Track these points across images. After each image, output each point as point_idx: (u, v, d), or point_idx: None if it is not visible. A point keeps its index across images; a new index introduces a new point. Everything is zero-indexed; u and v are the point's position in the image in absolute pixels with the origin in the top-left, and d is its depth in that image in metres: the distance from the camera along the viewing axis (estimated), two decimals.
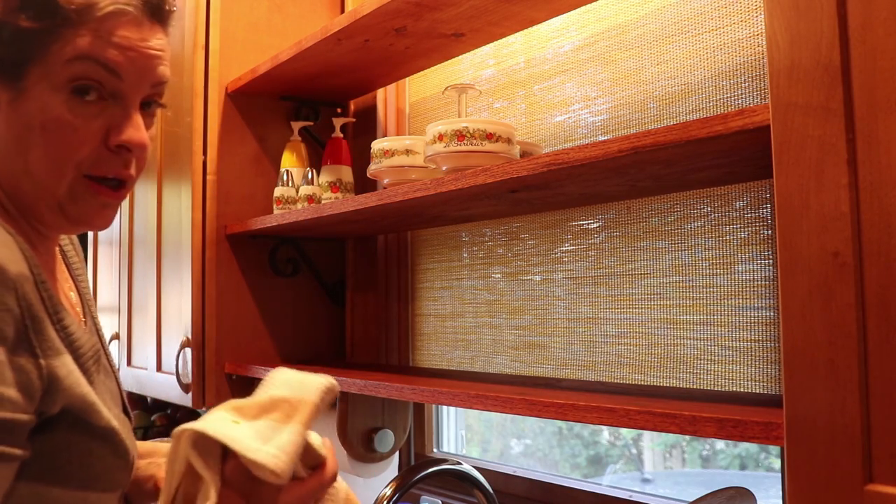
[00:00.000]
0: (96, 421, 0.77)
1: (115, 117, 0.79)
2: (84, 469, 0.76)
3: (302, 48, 1.56)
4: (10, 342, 0.68)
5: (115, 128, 0.79)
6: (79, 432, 0.75)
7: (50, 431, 0.73)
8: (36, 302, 0.71)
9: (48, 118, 0.76)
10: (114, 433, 0.79)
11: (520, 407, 1.06)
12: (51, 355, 0.72)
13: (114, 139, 0.79)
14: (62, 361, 0.73)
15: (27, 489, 0.72)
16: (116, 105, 0.79)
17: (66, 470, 0.75)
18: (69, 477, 0.75)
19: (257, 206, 1.82)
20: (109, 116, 0.79)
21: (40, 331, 0.71)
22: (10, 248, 0.71)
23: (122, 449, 0.81)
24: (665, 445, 2.10)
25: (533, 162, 1.04)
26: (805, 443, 0.69)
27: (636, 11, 1.33)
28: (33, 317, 0.70)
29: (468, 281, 1.65)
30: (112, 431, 0.79)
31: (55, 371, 0.72)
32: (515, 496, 1.58)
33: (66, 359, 0.74)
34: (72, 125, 0.76)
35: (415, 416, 1.83)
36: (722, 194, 1.19)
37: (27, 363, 0.69)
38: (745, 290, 1.16)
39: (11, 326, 0.68)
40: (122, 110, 0.79)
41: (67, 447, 0.75)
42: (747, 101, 1.16)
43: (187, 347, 1.78)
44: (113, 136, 0.79)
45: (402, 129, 1.86)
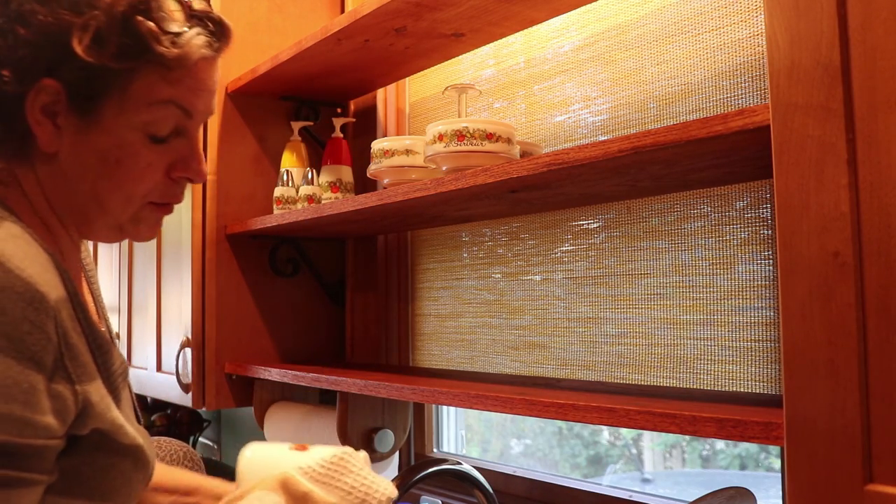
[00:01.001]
0: (122, 439, 0.78)
1: (180, 151, 0.84)
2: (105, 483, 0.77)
3: (302, 48, 1.56)
4: (49, 370, 0.69)
5: (182, 161, 0.84)
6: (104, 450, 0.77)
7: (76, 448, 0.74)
8: (73, 328, 0.72)
9: (125, 154, 0.80)
10: (138, 450, 0.81)
11: (520, 407, 1.06)
12: (85, 381, 0.73)
13: (181, 172, 0.84)
14: (95, 387, 0.74)
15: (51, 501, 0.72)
16: (182, 139, 0.84)
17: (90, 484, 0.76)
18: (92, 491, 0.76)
19: (257, 206, 1.82)
20: (176, 151, 0.83)
21: (75, 356, 0.72)
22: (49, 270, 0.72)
23: (142, 462, 0.82)
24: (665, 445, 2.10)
25: (533, 162, 1.04)
26: (805, 443, 0.69)
27: (636, 11, 1.33)
28: (69, 343, 0.71)
29: (468, 281, 1.65)
30: (137, 448, 0.80)
31: (89, 397, 0.73)
32: (515, 496, 1.58)
33: (98, 384, 0.75)
34: (147, 162, 0.81)
35: (415, 416, 1.83)
36: (722, 194, 1.19)
37: (64, 389, 0.70)
38: (745, 290, 1.16)
39: (50, 355, 0.69)
40: (187, 144, 0.84)
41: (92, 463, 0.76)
42: (747, 101, 1.16)
43: (187, 347, 1.78)
44: (180, 170, 0.84)
45: (402, 129, 1.86)
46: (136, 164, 0.80)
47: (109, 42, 0.76)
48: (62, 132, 0.79)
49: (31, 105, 0.77)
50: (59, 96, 0.77)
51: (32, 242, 0.74)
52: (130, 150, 0.80)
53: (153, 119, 0.80)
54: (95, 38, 0.76)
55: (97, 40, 0.76)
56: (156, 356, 1.97)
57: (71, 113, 0.78)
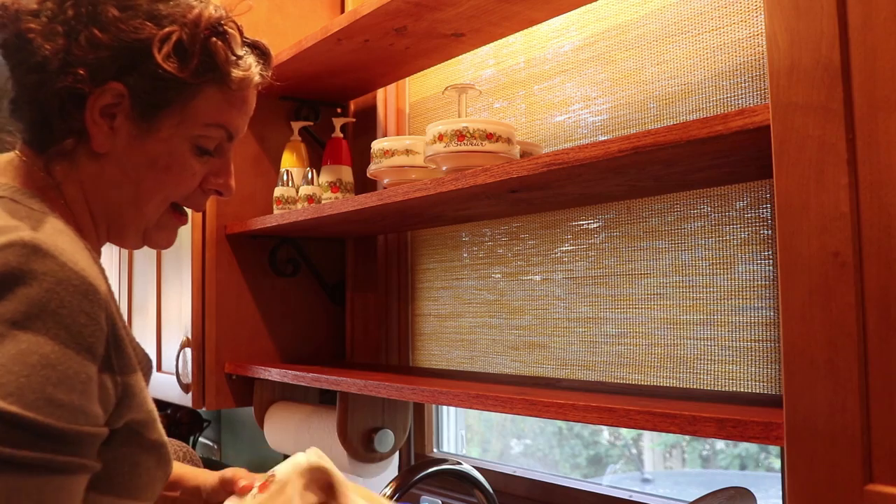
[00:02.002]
0: (150, 435, 0.80)
1: (215, 164, 0.90)
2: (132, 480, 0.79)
3: (302, 48, 1.56)
4: (101, 359, 0.71)
5: (215, 174, 0.91)
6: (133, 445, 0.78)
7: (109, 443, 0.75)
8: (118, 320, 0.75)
9: (175, 162, 0.85)
10: (162, 446, 0.82)
11: (520, 407, 1.06)
12: (127, 372, 0.75)
13: (213, 183, 0.91)
14: (135, 379, 0.76)
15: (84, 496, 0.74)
16: (218, 154, 0.90)
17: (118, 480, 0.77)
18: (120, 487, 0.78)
19: (257, 206, 1.82)
20: (212, 164, 0.90)
21: (121, 349, 0.74)
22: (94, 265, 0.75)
23: (164, 461, 0.84)
24: (665, 445, 2.10)
25: (533, 162, 1.04)
26: (805, 443, 0.69)
27: (636, 11, 1.33)
28: (116, 336, 0.73)
29: (468, 281, 1.65)
30: (161, 445, 0.82)
31: (130, 389, 0.75)
32: (515, 496, 1.58)
33: (138, 376, 0.77)
34: (192, 171, 0.87)
35: (415, 416, 1.83)
36: (722, 194, 1.19)
37: (108, 380, 0.72)
38: (745, 290, 1.16)
39: (102, 346, 0.71)
40: (221, 158, 0.91)
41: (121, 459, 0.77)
42: (747, 101, 1.16)
43: (187, 347, 1.78)
44: (212, 181, 0.91)
45: (402, 129, 1.86)
46: (182, 172, 0.86)
47: (188, 56, 0.82)
48: (116, 134, 0.82)
49: (92, 105, 0.80)
50: (121, 100, 0.81)
51: (76, 238, 0.76)
52: (180, 159, 0.86)
53: (204, 135, 0.86)
54: (176, 51, 0.81)
55: (178, 53, 0.81)
56: (156, 356, 1.97)
57: (130, 117, 0.82)
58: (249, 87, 0.88)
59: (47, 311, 0.67)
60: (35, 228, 0.72)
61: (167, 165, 0.85)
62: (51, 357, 0.66)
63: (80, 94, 0.80)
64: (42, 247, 0.69)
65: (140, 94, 0.82)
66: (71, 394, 0.67)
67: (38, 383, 0.65)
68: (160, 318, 1.95)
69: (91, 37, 0.79)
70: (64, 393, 0.67)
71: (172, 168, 0.85)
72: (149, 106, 0.82)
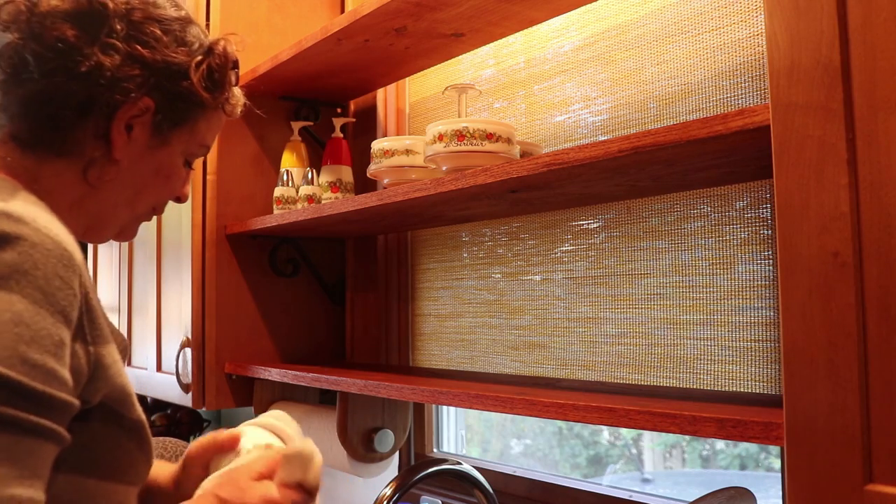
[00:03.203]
0: (129, 413, 0.80)
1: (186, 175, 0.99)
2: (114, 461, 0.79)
3: (302, 48, 1.56)
4: (74, 325, 0.71)
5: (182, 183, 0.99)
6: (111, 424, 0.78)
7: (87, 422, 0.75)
8: (91, 290, 0.75)
9: (173, 172, 0.94)
10: (142, 426, 0.83)
11: (520, 407, 1.06)
12: (100, 343, 0.75)
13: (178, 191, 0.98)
14: (108, 350, 0.76)
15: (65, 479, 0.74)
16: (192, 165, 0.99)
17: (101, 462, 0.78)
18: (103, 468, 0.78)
19: (257, 206, 1.82)
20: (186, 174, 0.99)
21: (93, 318, 0.74)
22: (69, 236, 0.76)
23: (146, 444, 0.84)
24: (665, 445, 2.10)
25: (533, 162, 1.04)
26: (805, 443, 0.69)
27: (636, 11, 1.33)
28: (89, 305, 0.74)
29: (468, 281, 1.65)
30: (141, 424, 0.82)
31: (102, 359, 0.75)
32: (515, 496, 1.58)
33: (111, 348, 0.78)
34: (181, 180, 0.97)
35: (415, 416, 1.83)
36: (722, 194, 1.19)
37: (80, 349, 0.72)
38: (745, 290, 1.16)
39: (76, 310, 0.71)
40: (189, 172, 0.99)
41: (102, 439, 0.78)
42: (747, 101, 1.16)
43: (187, 347, 1.78)
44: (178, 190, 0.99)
45: (402, 129, 1.86)
46: (175, 180, 0.95)
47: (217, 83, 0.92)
48: (133, 143, 0.88)
49: (121, 116, 0.86)
50: (145, 113, 0.88)
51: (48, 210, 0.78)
52: (176, 170, 0.95)
53: (196, 152, 0.96)
54: (209, 74, 0.91)
55: (209, 78, 0.91)
56: (156, 356, 1.97)
57: (148, 130, 0.89)
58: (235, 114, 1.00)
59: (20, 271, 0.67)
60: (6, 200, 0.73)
61: (167, 175, 0.93)
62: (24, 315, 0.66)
63: (116, 105, 0.85)
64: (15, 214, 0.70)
65: (164, 111, 0.89)
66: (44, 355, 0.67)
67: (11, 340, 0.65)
68: (160, 318, 1.95)
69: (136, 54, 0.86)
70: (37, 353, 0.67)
71: (171, 177, 0.94)
72: (170, 122, 0.90)
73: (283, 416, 1.01)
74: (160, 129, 0.90)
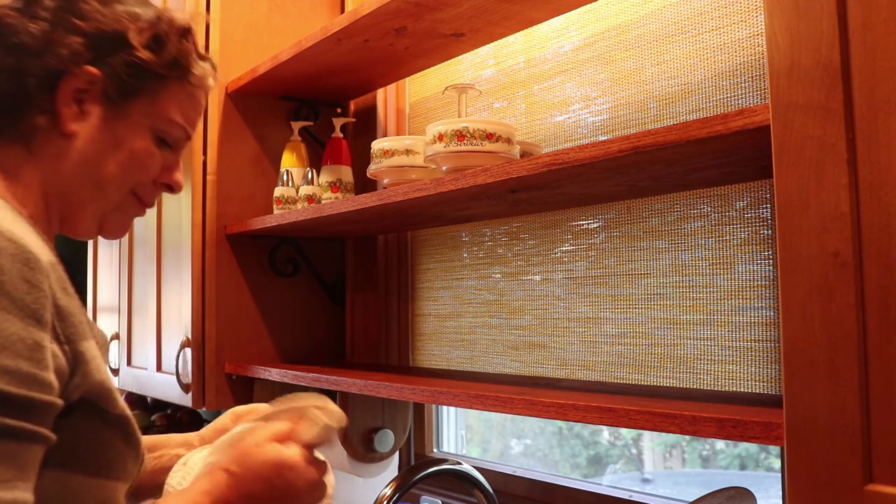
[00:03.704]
0: (111, 408, 0.80)
1: (168, 159, 0.95)
2: (99, 457, 0.79)
3: (302, 48, 1.56)
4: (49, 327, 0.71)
5: (168, 169, 0.95)
6: (94, 420, 0.78)
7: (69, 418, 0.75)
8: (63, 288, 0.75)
9: (139, 147, 0.90)
10: (127, 421, 0.82)
11: (520, 407, 1.06)
12: (77, 340, 0.75)
13: (165, 178, 0.95)
14: (87, 346, 0.76)
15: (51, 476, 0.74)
16: (173, 152, 0.95)
17: (86, 458, 0.78)
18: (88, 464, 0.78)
19: (257, 206, 1.82)
20: (166, 157, 0.94)
21: (65, 317, 0.74)
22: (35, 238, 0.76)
23: (133, 438, 0.83)
24: (665, 445, 2.10)
25: (533, 162, 1.04)
26: (805, 443, 0.69)
27: (636, 11, 1.33)
28: (58, 305, 0.73)
29: (468, 281, 1.65)
30: (125, 419, 0.82)
31: (81, 356, 0.75)
32: (515, 496, 1.58)
33: (91, 344, 0.77)
34: (154, 158, 0.92)
35: (415, 416, 1.83)
36: (722, 194, 1.19)
37: (57, 348, 0.72)
38: (745, 290, 1.16)
39: (48, 312, 0.71)
40: (174, 155, 0.95)
41: (85, 435, 0.77)
42: (747, 101, 1.16)
43: (187, 347, 1.78)
44: (165, 175, 0.95)
45: (402, 129, 1.86)
46: (144, 156, 0.91)
47: (164, 48, 0.89)
48: (85, 117, 0.86)
49: (65, 87, 0.84)
50: (94, 85, 0.86)
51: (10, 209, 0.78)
52: (143, 145, 0.90)
53: (166, 131, 0.92)
54: (153, 40, 0.88)
55: (155, 42, 0.89)
56: (156, 356, 1.97)
57: (101, 102, 0.87)
58: (206, 86, 0.95)
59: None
60: None
61: (132, 150, 0.89)
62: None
63: (56, 76, 0.83)
64: None
65: (113, 80, 0.86)
66: (17, 360, 0.67)
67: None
68: (160, 318, 1.95)
69: (70, 24, 0.84)
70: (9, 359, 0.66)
71: (137, 152, 0.90)
72: (121, 92, 0.87)
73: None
74: (113, 100, 0.87)
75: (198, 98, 0.95)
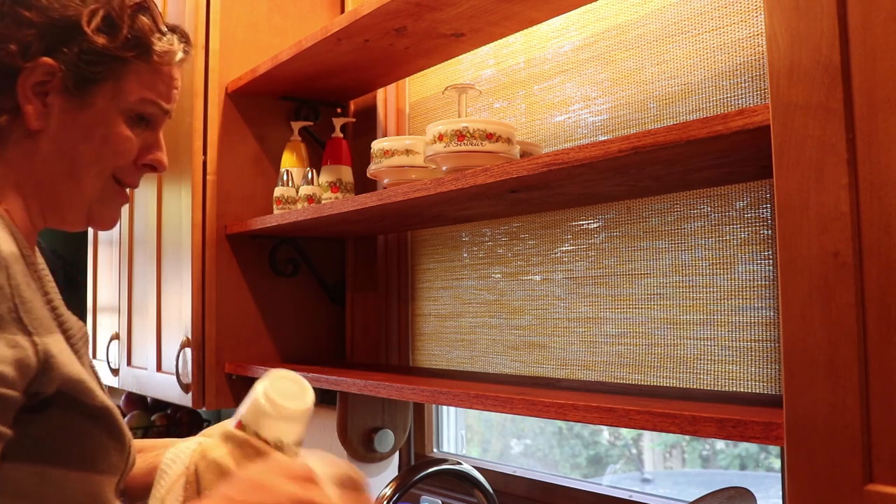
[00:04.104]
0: (90, 400, 0.79)
1: (148, 139, 0.91)
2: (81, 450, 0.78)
3: (302, 48, 1.56)
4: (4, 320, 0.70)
5: (148, 148, 0.91)
6: (74, 413, 0.77)
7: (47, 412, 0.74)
8: (26, 282, 0.74)
9: (111, 132, 0.87)
10: (108, 412, 0.81)
11: (520, 407, 1.06)
12: (43, 333, 0.74)
13: (146, 157, 0.92)
14: (54, 340, 0.75)
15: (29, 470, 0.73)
16: (151, 130, 0.92)
17: (66, 451, 0.77)
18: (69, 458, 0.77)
19: (257, 206, 1.82)
20: (144, 138, 0.91)
21: (30, 310, 0.73)
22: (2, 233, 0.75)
23: (116, 430, 0.82)
24: (665, 445, 2.10)
25: (533, 162, 1.04)
26: (805, 443, 0.69)
27: (636, 11, 1.33)
28: (22, 296, 0.72)
29: (468, 281, 1.65)
30: (106, 410, 0.81)
31: (48, 349, 0.74)
32: (515, 496, 1.59)
33: (58, 338, 0.77)
34: (128, 141, 0.88)
35: (415, 416, 1.83)
36: (722, 194, 1.19)
37: (22, 340, 0.71)
38: (745, 290, 1.16)
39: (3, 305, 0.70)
40: (153, 134, 0.92)
41: (64, 428, 0.77)
42: (747, 101, 1.16)
43: (187, 347, 1.78)
44: (145, 155, 0.91)
45: (402, 129, 1.86)
46: (118, 141, 0.88)
47: (118, 29, 0.85)
48: (49, 110, 0.84)
49: (24, 82, 0.82)
50: (53, 76, 0.83)
51: None
52: (115, 129, 0.87)
53: (138, 110, 0.89)
54: (106, 23, 0.84)
55: (108, 25, 0.85)
56: (156, 356, 1.97)
57: (63, 93, 0.84)
58: (174, 61, 0.91)
59: None
60: None
61: (103, 136, 0.87)
62: None
63: (12, 71, 0.82)
64: None
65: (71, 69, 0.84)
66: None
67: None
68: (160, 318, 1.95)
69: (18, 16, 0.82)
70: None
71: (109, 138, 0.87)
72: (81, 80, 0.84)
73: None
74: (76, 90, 0.84)
75: (166, 72, 0.91)
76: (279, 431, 0.89)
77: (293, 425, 0.90)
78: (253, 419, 0.89)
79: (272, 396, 0.89)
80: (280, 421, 0.89)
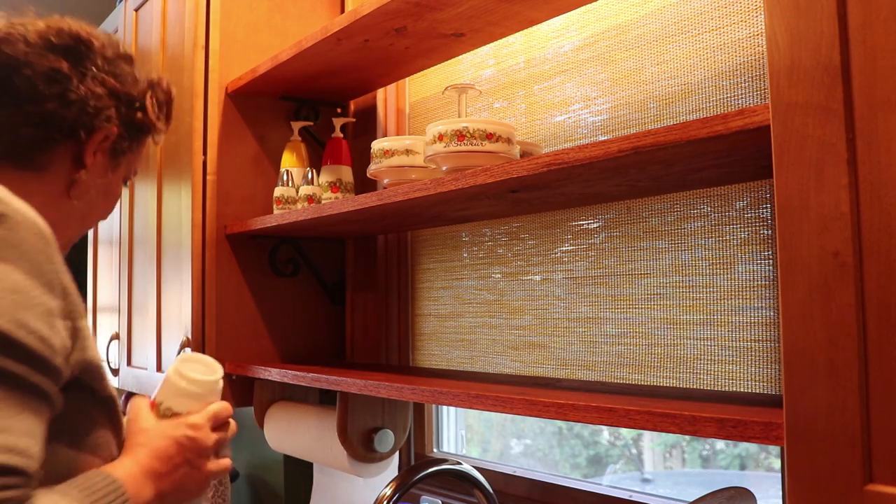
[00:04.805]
0: (100, 388, 0.83)
1: None
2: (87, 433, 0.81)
3: (302, 48, 1.56)
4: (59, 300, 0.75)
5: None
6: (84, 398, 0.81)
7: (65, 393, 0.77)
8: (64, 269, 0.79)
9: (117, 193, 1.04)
10: (113, 401, 0.85)
11: (520, 407, 1.06)
12: (76, 317, 0.78)
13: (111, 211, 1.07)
14: (84, 324, 0.80)
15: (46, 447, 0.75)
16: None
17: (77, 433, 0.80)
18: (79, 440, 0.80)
19: (257, 206, 1.82)
20: None
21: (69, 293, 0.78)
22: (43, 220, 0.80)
23: (116, 420, 0.86)
24: (665, 445, 2.10)
25: (533, 162, 1.04)
26: (805, 443, 0.69)
27: (636, 11, 1.33)
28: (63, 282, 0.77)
29: (468, 281, 1.65)
30: (112, 400, 0.85)
31: (79, 333, 0.78)
32: (515, 496, 1.58)
33: (86, 323, 0.81)
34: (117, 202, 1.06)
35: (415, 416, 1.83)
36: (722, 194, 1.19)
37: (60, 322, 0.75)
38: (745, 290, 1.16)
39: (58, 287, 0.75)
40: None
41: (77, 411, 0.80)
42: (747, 101, 1.16)
43: (187, 347, 1.78)
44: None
45: (402, 129, 1.86)
46: (115, 202, 1.05)
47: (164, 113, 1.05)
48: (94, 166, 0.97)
49: (94, 140, 0.95)
50: (109, 140, 0.97)
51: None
52: (118, 190, 1.04)
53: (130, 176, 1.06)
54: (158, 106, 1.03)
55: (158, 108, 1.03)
56: (156, 356, 1.97)
57: (105, 155, 0.98)
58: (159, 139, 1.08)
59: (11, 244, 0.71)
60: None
61: (115, 195, 1.03)
62: (19, 284, 0.70)
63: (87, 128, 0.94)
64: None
65: (123, 138, 0.99)
66: (38, 321, 0.71)
67: (10, 306, 0.69)
68: (160, 318, 1.95)
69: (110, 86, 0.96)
70: (32, 319, 0.70)
71: (116, 199, 1.04)
72: (124, 149, 1.00)
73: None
74: (116, 155, 0.99)
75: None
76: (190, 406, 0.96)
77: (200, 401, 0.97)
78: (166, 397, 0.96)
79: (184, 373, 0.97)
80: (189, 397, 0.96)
